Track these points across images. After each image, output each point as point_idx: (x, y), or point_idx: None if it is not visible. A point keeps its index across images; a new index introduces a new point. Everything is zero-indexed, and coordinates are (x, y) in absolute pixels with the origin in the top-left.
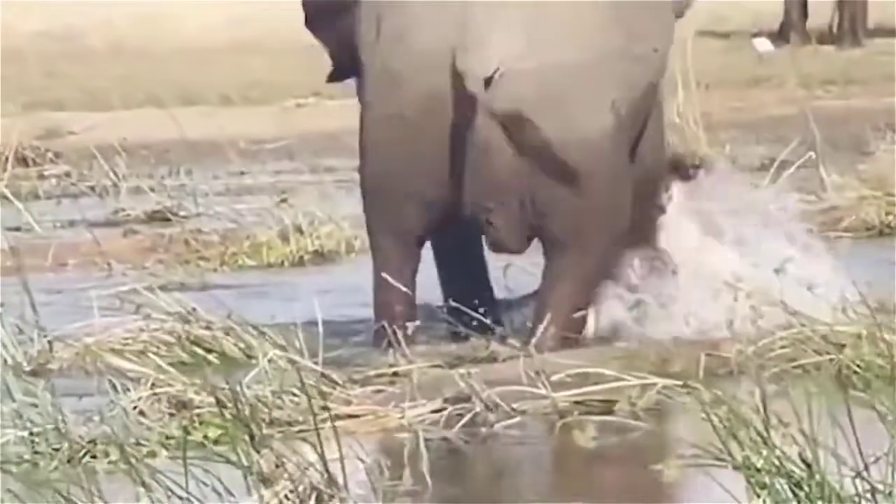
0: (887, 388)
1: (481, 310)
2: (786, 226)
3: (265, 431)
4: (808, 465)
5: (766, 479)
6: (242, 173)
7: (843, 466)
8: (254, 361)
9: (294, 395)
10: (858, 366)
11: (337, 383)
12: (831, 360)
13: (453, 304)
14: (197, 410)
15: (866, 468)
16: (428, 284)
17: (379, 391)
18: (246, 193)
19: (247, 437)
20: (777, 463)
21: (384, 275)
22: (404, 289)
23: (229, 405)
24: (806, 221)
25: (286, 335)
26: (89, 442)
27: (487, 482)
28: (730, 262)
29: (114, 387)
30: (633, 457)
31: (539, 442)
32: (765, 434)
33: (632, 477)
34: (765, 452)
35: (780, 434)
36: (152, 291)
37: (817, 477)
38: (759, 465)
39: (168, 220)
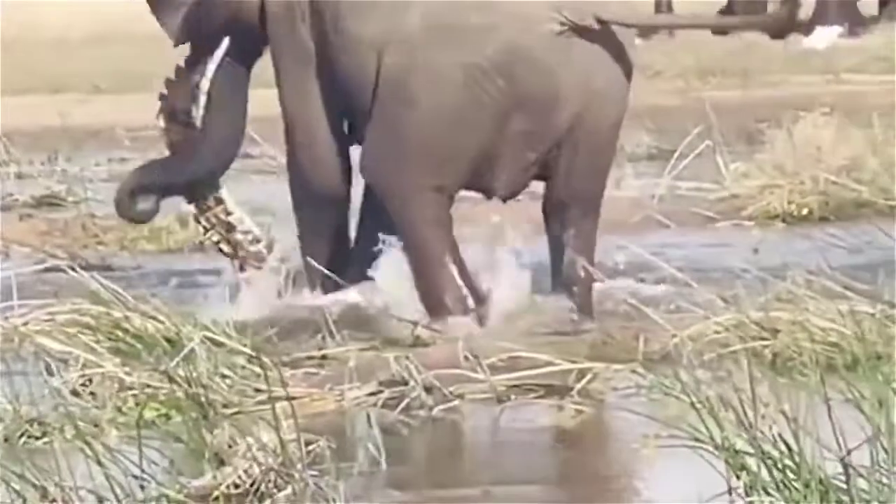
0: (828, 375)
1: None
2: None
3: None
4: (789, 448)
5: (746, 461)
6: (123, 160)
7: (825, 450)
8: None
9: (225, 376)
10: (794, 352)
11: (266, 366)
12: (766, 346)
13: None
14: (131, 392)
15: (849, 452)
16: None
17: (310, 374)
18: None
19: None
20: (756, 444)
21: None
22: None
23: (182, 385)
24: (707, 210)
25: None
26: (27, 422)
27: (438, 464)
28: None
29: (46, 368)
30: (582, 440)
31: (482, 425)
32: (745, 415)
33: (586, 460)
34: (745, 434)
35: (760, 415)
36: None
37: (797, 458)
38: (738, 447)
39: (57, 205)
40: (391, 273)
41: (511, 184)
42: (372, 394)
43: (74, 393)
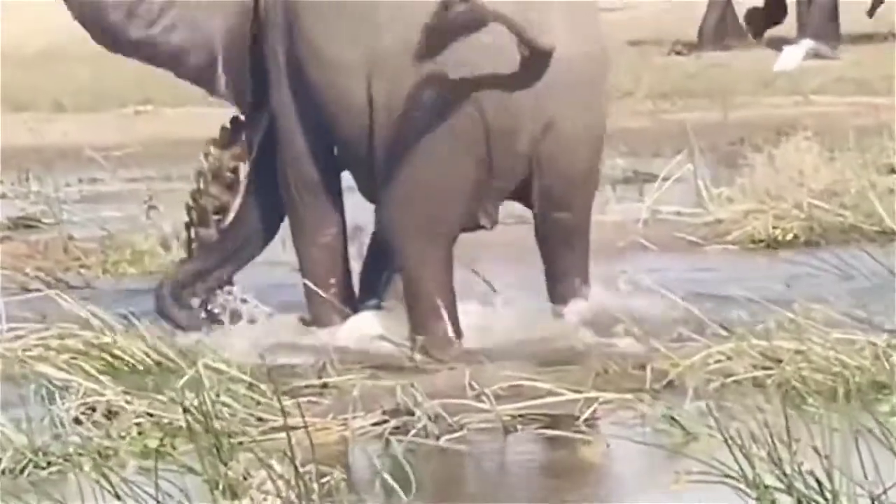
0: (831, 403)
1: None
2: None
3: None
4: (820, 484)
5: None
6: (95, 180)
7: (859, 487)
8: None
9: (225, 405)
10: (800, 381)
11: (265, 394)
12: (770, 375)
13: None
14: (136, 420)
15: (885, 491)
16: None
17: (311, 402)
18: (105, 201)
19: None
20: (788, 481)
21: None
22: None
23: (194, 413)
24: (691, 234)
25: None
26: (32, 452)
27: (448, 494)
28: None
29: (43, 396)
30: (591, 471)
31: (490, 455)
32: (775, 450)
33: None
34: (776, 470)
35: (791, 451)
36: (62, 298)
37: (828, 495)
38: (768, 483)
39: (33, 226)
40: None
41: (487, 214)
42: (377, 423)
43: (76, 421)
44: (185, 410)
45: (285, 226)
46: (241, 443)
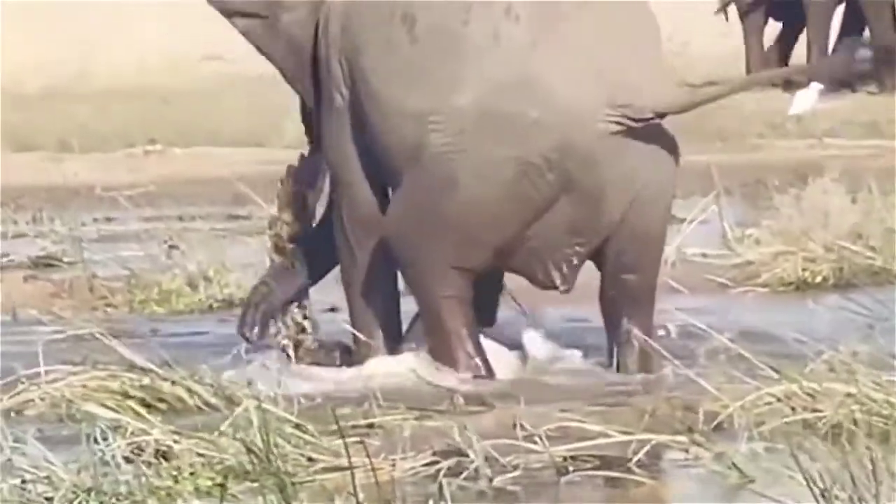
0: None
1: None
2: None
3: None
4: None
5: None
6: (109, 219)
7: None
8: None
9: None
10: (851, 423)
11: (313, 434)
12: (821, 417)
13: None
14: (186, 460)
15: None
16: None
17: (359, 442)
18: (122, 240)
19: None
20: None
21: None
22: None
23: (260, 454)
24: (720, 276)
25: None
26: (84, 491)
27: None
28: None
29: (88, 436)
30: None
31: (544, 497)
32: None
33: None
34: None
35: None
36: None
37: None
38: None
39: (54, 265)
40: None
41: (563, 275)
42: (427, 464)
43: (127, 460)
44: (249, 450)
45: None
46: (307, 482)
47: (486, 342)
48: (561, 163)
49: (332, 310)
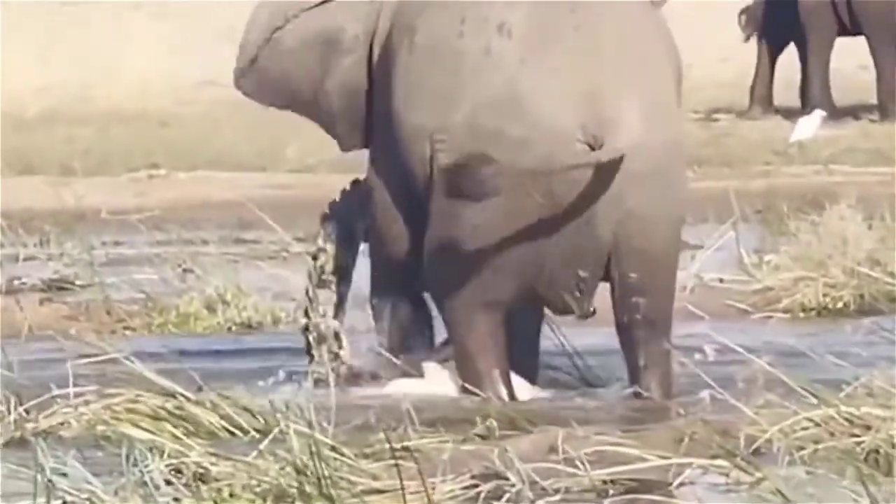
0: None
1: None
2: None
3: None
4: None
5: None
6: (118, 243)
7: None
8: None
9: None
10: (891, 448)
11: (349, 457)
12: (860, 442)
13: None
14: (225, 482)
15: None
16: None
17: (392, 465)
18: (132, 263)
19: None
20: None
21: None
22: None
23: (310, 476)
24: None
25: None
26: None
27: None
28: None
29: (127, 457)
30: None
31: None
32: None
33: None
34: None
35: None
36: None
37: None
38: None
39: (66, 288)
40: None
41: (576, 301)
42: (466, 487)
43: (167, 482)
44: (300, 472)
45: None
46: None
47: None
48: (546, 181)
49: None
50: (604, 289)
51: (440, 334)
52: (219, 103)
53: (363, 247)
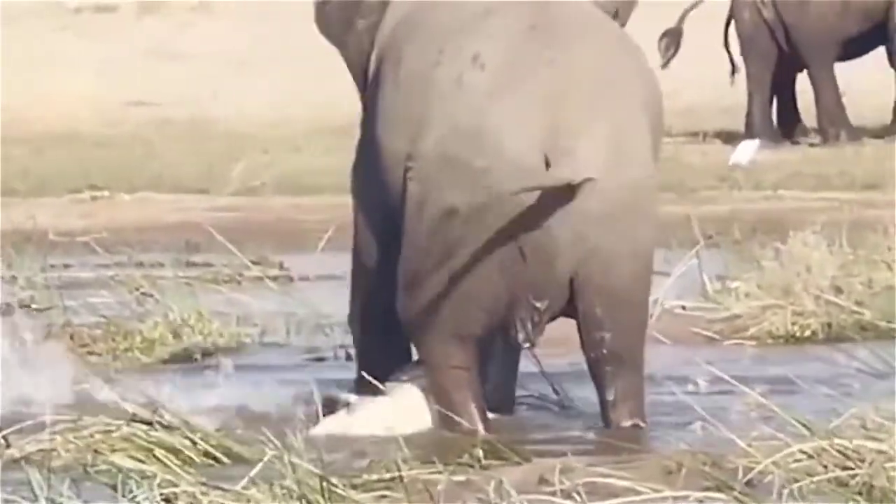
0: None
1: None
2: None
3: None
4: None
5: None
6: (67, 266)
7: None
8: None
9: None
10: (886, 482)
11: (339, 487)
12: (854, 476)
13: None
14: None
15: None
16: None
17: (382, 496)
18: (86, 287)
19: None
20: None
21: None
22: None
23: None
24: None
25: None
26: None
27: None
28: None
29: (121, 486)
30: None
31: None
32: None
33: None
34: None
35: None
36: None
37: None
38: None
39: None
40: None
41: (525, 332)
42: None
43: None
44: (308, 501)
45: None
46: None
47: None
48: (509, 214)
49: (320, 359)
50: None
51: None
52: (148, 124)
53: None
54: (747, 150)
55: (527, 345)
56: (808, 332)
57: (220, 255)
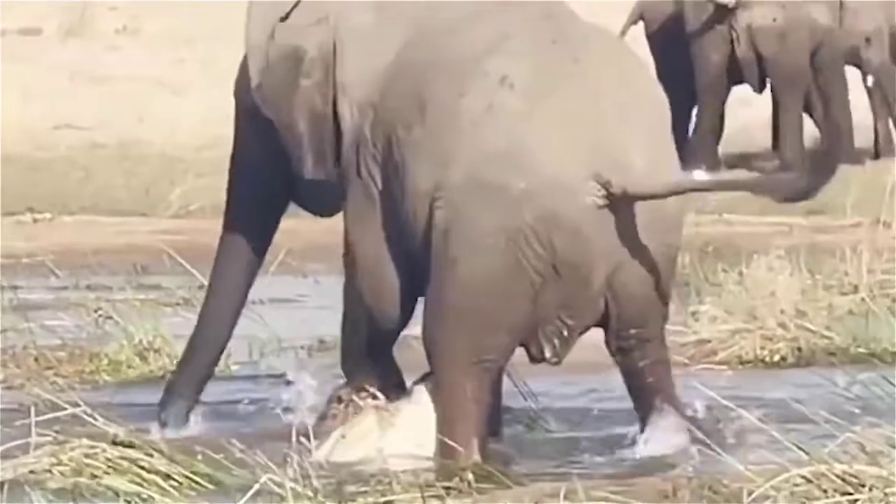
0: None
1: None
2: None
3: None
4: None
5: None
6: (16, 287)
7: None
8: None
9: None
10: None
11: None
12: (854, 501)
13: None
14: None
15: None
16: None
17: None
18: (37, 309)
19: None
20: None
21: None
22: None
23: None
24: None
25: None
26: None
27: None
28: None
29: None
30: None
31: None
32: None
33: None
34: None
35: None
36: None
37: None
38: None
39: None
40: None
41: (553, 348)
42: None
43: None
44: None
45: None
46: None
47: None
48: (547, 234)
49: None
50: None
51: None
52: (79, 147)
53: None
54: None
55: (555, 360)
56: (777, 357)
57: (170, 278)
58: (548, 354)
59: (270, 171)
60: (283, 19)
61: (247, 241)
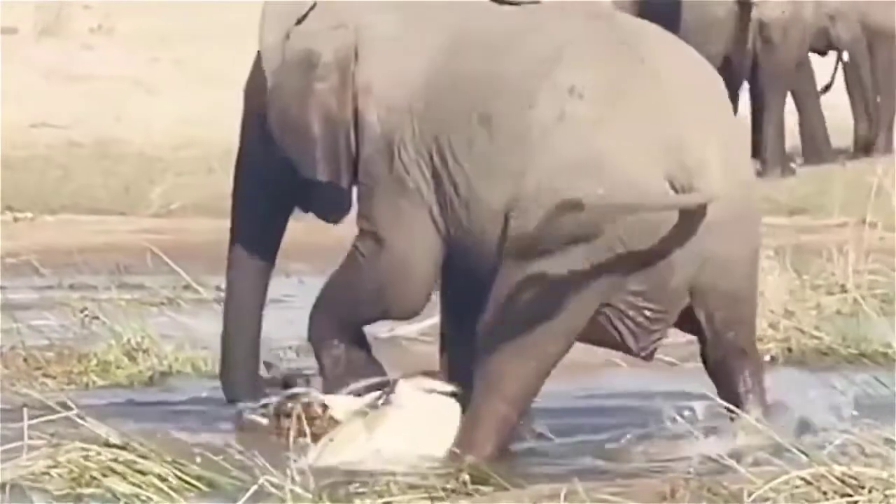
0: None
1: None
2: None
3: None
4: None
5: None
6: (3, 288)
7: None
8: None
9: None
10: None
11: None
12: (855, 502)
13: None
14: None
15: None
16: None
17: None
18: (23, 309)
19: None
20: None
21: None
22: None
23: None
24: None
25: None
26: None
27: None
28: None
29: None
30: None
31: None
32: None
33: None
34: None
35: None
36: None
37: None
38: None
39: None
40: None
41: (636, 339)
42: None
43: None
44: None
45: None
46: None
47: None
48: (629, 238)
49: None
50: None
51: None
52: (56, 146)
53: None
54: None
55: (644, 354)
56: (767, 357)
57: (153, 277)
58: (631, 345)
59: (278, 174)
60: (299, 22)
61: (258, 243)
